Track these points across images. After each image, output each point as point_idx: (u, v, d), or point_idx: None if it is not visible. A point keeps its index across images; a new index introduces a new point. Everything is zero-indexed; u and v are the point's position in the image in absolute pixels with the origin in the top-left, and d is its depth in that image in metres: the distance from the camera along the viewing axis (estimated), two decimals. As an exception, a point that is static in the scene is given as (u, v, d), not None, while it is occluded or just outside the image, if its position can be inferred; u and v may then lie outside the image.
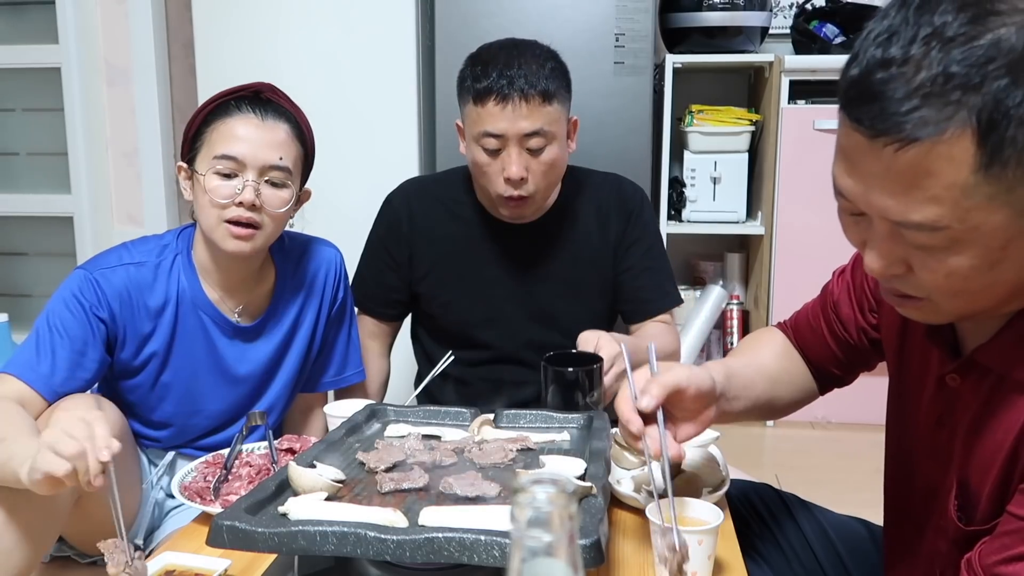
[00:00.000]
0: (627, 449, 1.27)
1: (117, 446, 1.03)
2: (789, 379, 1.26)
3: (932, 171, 0.72)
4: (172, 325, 1.47)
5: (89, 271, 1.42)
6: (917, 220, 0.75)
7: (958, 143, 0.71)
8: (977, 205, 0.73)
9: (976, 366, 0.90)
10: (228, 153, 1.38)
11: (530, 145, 1.52)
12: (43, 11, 3.26)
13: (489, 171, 1.56)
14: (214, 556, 1.05)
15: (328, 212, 1.98)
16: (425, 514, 0.92)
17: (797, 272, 2.87)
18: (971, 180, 0.72)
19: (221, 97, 1.45)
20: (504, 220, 1.67)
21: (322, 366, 1.66)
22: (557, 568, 0.50)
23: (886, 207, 0.77)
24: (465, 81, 1.56)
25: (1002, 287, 0.80)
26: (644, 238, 1.72)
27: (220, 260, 1.47)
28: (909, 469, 1.04)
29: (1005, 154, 0.70)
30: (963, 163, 0.71)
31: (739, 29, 2.85)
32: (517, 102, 1.49)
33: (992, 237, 0.75)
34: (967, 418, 0.92)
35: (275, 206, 1.41)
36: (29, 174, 3.48)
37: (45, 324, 1.38)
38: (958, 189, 0.72)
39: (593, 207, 1.71)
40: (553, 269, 1.70)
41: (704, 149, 2.96)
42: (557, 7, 2.65)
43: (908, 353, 1.05)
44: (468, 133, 1.58)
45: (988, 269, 0.77)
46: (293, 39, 2.71)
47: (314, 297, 1.60)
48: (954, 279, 0.78)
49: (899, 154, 0.73)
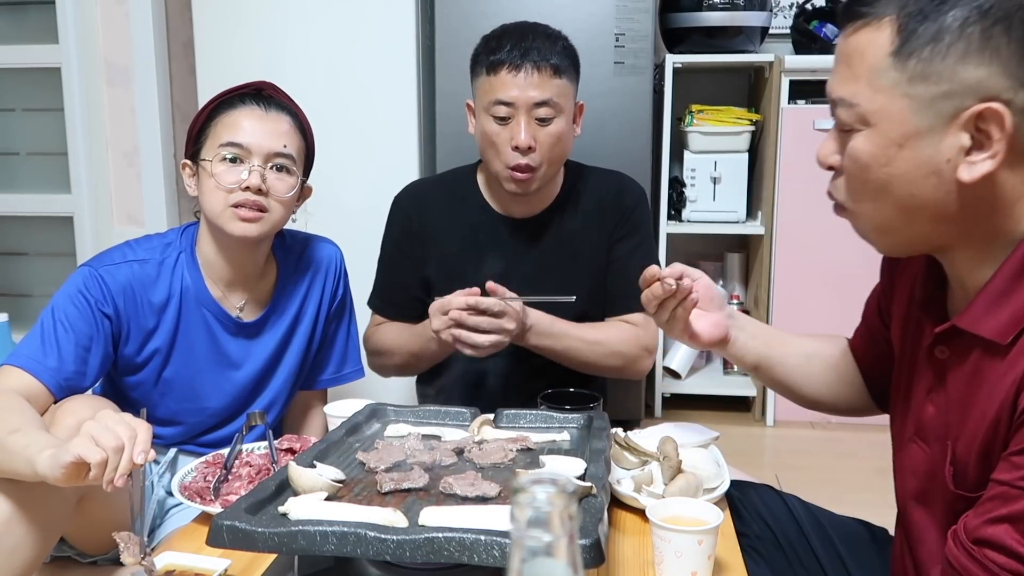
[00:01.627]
0: (627, 449, 1.28)
1: (153, 455, 1.08)
2: (826, 372, 1.26)
3: (862, 51, 0.86)
4: (175, 321, 1.49)
5: (94, 267, 1.43)
6: (842, 94, 0.89)
7: (885, 29, 0.85)
8: (883, 88, 0.85)
9: (959, 335, 0.92)
10: (234, 140, 1.42)
11: (539, 114, 1.56)
12: (43, 11, 3.26)
13: (498, 140, 1.58)
14: (214, 556, 1.05)
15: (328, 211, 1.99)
16: (425, 514, 0.92)
17: (797, 272, 2.88)
18: (883, 63, 0.85)
19: (224, 95, 1.48)
20: (507, 213, 1.68)
21: (321, 363, 1.67)
22: (557, 568, 0.50)
23: (831, 87, 0.91)
24: (479, 56, 1.63)
25: (898, 200, 0.88)
26: (633, 235, 1.73)
27: (226, 251, 1.49)
28: (911, 449, 1.04)
29: (912, 45, 0.83)
30: (882, 48, 0.85)
31: (739, 29, 2.85)
32: (529, 70, 1.55)
33: (890, 126, 0.85)
34: (955, 389, 0.94)
35: (280, 191, 1.44)
36: (29, 174, 3.48)
37: (50, 318, 1.38)
38: (874, 70, 0.86)
39: (593, 202, 1.73)
40: (554, 263, 1.71)
41: (704, 149, 2.96)
42: (557, 7, 2.64)
43: (907, 329, 1.07)
44: (479, 105, 1.63)
45: (885, 163, 0.87)
46: (293, 39, 2.71)
47: (314, 293, 1.61)
48: (859, 166, 0.89)
49: (849, 39, 0.88)
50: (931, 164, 0.85)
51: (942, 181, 0.85)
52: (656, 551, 1.00)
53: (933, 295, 1.00)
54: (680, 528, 0.98)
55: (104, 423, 1.07)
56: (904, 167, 0.86)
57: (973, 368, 0.92)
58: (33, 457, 1.08)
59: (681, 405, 3.07)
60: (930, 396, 0.99)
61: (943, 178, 0.85)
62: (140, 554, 1.00)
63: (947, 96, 0.82)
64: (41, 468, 1.07)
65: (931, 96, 0.83)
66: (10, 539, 1.18)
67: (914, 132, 0.84)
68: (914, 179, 0.86)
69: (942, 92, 0.82)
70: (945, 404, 0.97)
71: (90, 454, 1.03)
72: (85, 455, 1.03)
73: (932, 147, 0.84)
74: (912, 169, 0.85)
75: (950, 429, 0.95)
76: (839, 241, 2.96)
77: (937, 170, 0.85)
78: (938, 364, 0.97)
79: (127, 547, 0.99)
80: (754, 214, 3.04)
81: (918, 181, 0.86)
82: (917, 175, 0.86)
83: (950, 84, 0.82)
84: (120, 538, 1.00)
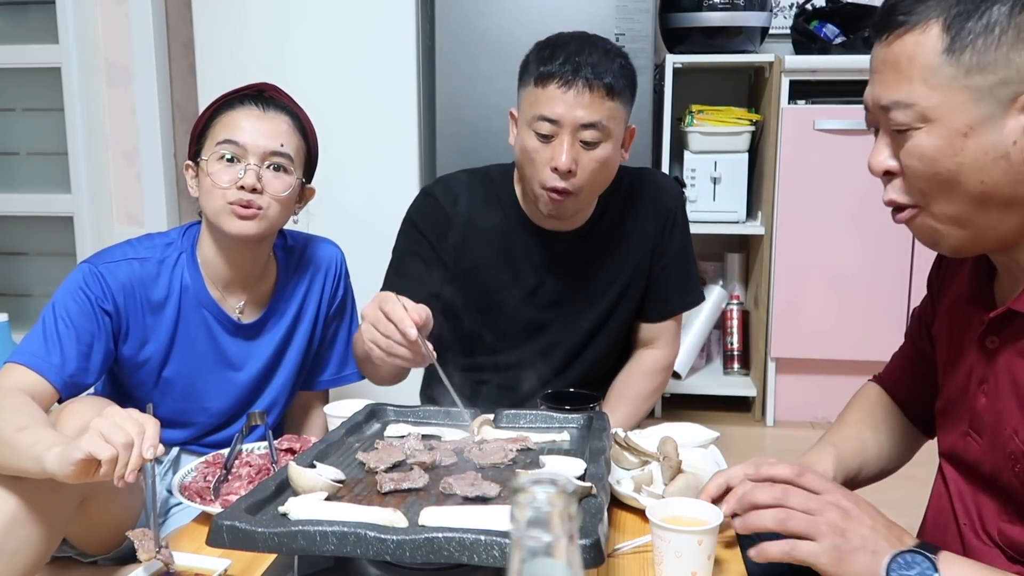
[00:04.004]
0: (627, 449, 1.28)
1: (162, 450, 1.07)
2: (878, 438, 1.26)
3: (911, 55, 0.90)
4: (175, 321, 1.49)
5: (94, 265, 1.43)
6: (895, 98, 0.92)
7: (931, 30, 0.89)
8: (940, 84, 0.89)
9: (1012, 321, 0.96)
10: (230, 138, 1.42)
11: (584, 137, 1.45)
12: (43, 11, 3.26)
13: (537, 158, 1.48)
14: (214, 556, 1.05)
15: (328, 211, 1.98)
16: (425, 514, 0.92)
17: (797, 272, 2.88)
18: (936, 61, 0.89)
19: (226, 96, 1.49)
20: (542, 225, 1.61)
21: (321, 364, 1.67)
22: (557, 568, 0.50)
23: (879, 94, 0.94)
24: (529, 64, 1.51)
25: (970, 189, 0.90)
26: (678, 240, 1.69)
27: (226, 251, 1.49)
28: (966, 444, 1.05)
29: (964, 41, 0.87)
30: (932, 48, 0.89)
31: (739, 29, 2.85)
32: (580, 89, 1.43)
33: (953, 117, 0.89)
34: (1007, 378, 0.96)
35: (277, 190, 1.44)
36: (29, 174, 3.48)
37: (52, 315, 1.38)
38: (927, 69, 0.89)
39: (633, 213, 1.66)
40: (587, 279, 1.66)
41: (704, 149, 2.96)
42: (557, 7, 2.65)
43: (952, 330, 1.08)
44: (522, 117, 1.51)
45: (952, 154, 0.89)
46: (293, 39, 2.71)
47: (314, 294, 1.61)
48: (926, 161, 0.91)
49: (892, 46, 0.92)
50: (998, 148, 0.89)
51: (1011, 163, 0.89)
52: (656, 551, 1.00)
53: (981, 289, 1.03)
54: (680, 528, 0.98)
55: (113, 419, 1.07)
56: (972, 154, 0.89)
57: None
58: (41, 454, 1.08)
59: (681, 405, 3.07)
60: (982, 387, 1.01)
61: (1011, 160, 0.89)
62: (155, 548, 1.00)
63: (1004, 83, 0.87)
64: (50, 465, 1.07)
65: (989, 85, 0.87)
66: (14, 539, 1.18)
67: (977, 120, 0.88)
68: (983, 165, 0.89)
69: (999, 79, 0.87)
70: (996, 393, 0.98)
71: (100, 450, 1.03)
72: (95, 452, 1.03)
73: (996, 132, 0.88)
74: (980, 156, 0.89)
75: (1003, 418, 0.97)
76: (839, 241, 2.98)
77: (1005, 153, 0.88)
78: (989, 355, 1.00)
79: (141, 543, 1.00)
80: (754, 214, 3.04)
81: (987, 167, 0.89)
82: (986, 161, 0.89)
83: (1006, 71, 0.86)
84: (134, 535, 1.01)
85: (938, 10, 0.89)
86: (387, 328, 1.25)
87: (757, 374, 3.07)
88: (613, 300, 1.68)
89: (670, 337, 1.76)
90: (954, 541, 1.06)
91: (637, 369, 1.74)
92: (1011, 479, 0.97)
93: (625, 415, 1.66)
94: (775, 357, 2.95)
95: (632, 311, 1.72)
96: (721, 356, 3.24)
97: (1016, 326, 0.96)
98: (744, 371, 3.18)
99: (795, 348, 2.93)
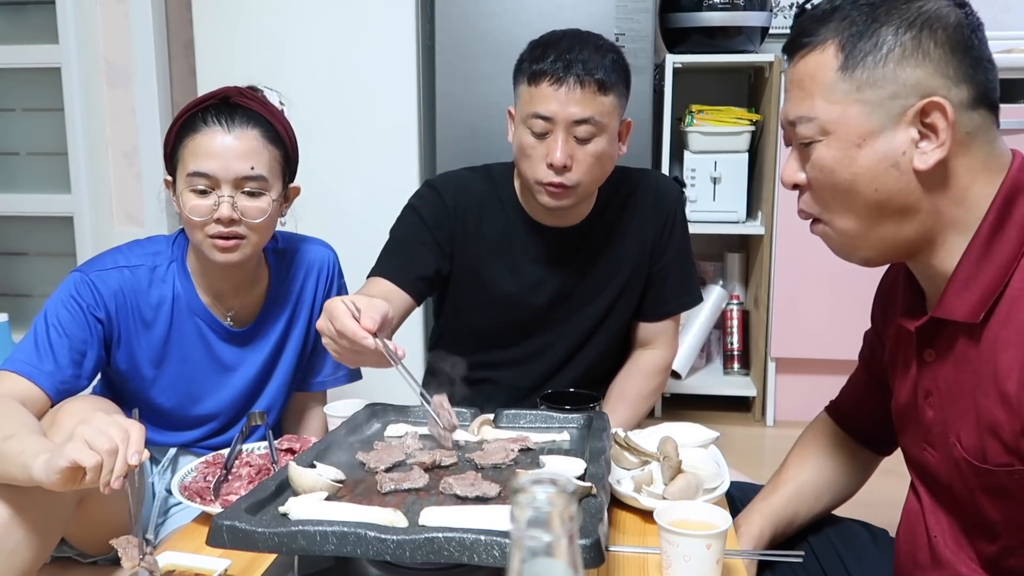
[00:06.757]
0: (627, 449, 1.28)
1: (147, 455, 1.07)
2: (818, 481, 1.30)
3: (812, 73, 0.97)
4: (167, 329, 1.48)
5: (85, 272, 1.43)
6: (800, 113, 0.98)
7: (829, 50, 0.96)
8: (837, 99, 0.95)
9: (939, 330, 0.99)
10: (200, 170, 1.38)
11: (578, 133, 1.47)
12: (43, 11, 3.26)
13: (533, 154, 1.50)
14: (214, 556, 1.05)
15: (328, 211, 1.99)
16: (425, 514, 0.92)
17: (797, 272, 2.88)
18: (833, 78, 0.95)
19: (189, 109, 1.43)
20: (542, 222, 1.63)
21: (316, 365, 1.66)
22: (557, 568, 0.50)
23: (787, 111, 1.01)
24: (523, 63, 1.53)
25: (866, 198, 0.96)
26: (677, 241, 1.70)
27: (211, 270, 1.48)
28: (924, 458, 1.06)
29: (857, 59, 0.94)
30: (829, 66, 0.96)
31: (739, 29, 2.85)
32: (572, 86, 1.45)
33: (848, 130, 0.95)
34: (946, 386, 0.99)
35: (253, 216, 1.41)
36: (29, 174, 3.48)
37: (43, 324, 1.38)
38: (826, 86, 0.96)
39: (632, 213, 1.67)
40: (585, 276, 1.66)
41: (704, 149, 2.96)
42: (557, 7, 2.65)
43: (896, 348, 1.11)
44: (518, 115, 1.54)
45: (848, 164, 0.95)
46: (293, 39, 2.71)
47: (307, 296, 1.61)
48: (825, 172, 0.98)
49: (797, 66, 0.99)
50: (889, 158, 0.94)
51: (901, 172, 0.94)
52: (664, 555, 0.99)
53: (913, 302, 1.06)
54: (689, 532, 0.97)
55: (96, 426, 1.06)
56: (866, 164, 0.95)
57: (958, 359, 0.97)
58: (28, 462, 1.08)
59: (681, 405, 3.07)
60: (928, 400, 1.03)
61: (902, 169, 0.94)
62: (139, 556, 0.99)
63: (893, 96, 0.93)
64: (36, 473, 1.07)
65: (879, 98, 0.94)
66: (10, 541, 1.18)
67: (869, 132, 0.94)
68: (877, 174, 0.95)
69: (888, 94, 0.93)
70: (940, 405, 1.01)
71: (84, 458, 1.02)
72: (79, 459, 1.02)
73: (887, 143, 0.94)
74: (873, 166, 0.95)
75: (949, 425, 0.99)
76: (839, 241, 2.97)
77: (895, 163, 0.94)
78: (929, 368, 1.02)
79: (125, 551, 0.99)
80: (754, 214, 3.04)
81: (880, 176, 0.95)
82: (879, 170, 0.95)
83: (894, 86, 0.93)
84: (117, 544, 1.00)
85: (835, 32, 0.96)
86: (343, 344, 1.20)
87: (757, 374, 3.07)
88: (612, 298, 1.68)
89: (668, 337, 1.76)
90: (924, 553, 1.06)
91: (636, 370, 1.75)
92: (962, 489, 0.99)
93: (624, 416, 1.66)
94: (775, 357, 2.95)
95: (630, 310, 1.72)
96: (721, 356, 3.24)
97: (947, 336, 0.99)
98: (744, 371, 3.18)
99: (795, 348, 2.93)
